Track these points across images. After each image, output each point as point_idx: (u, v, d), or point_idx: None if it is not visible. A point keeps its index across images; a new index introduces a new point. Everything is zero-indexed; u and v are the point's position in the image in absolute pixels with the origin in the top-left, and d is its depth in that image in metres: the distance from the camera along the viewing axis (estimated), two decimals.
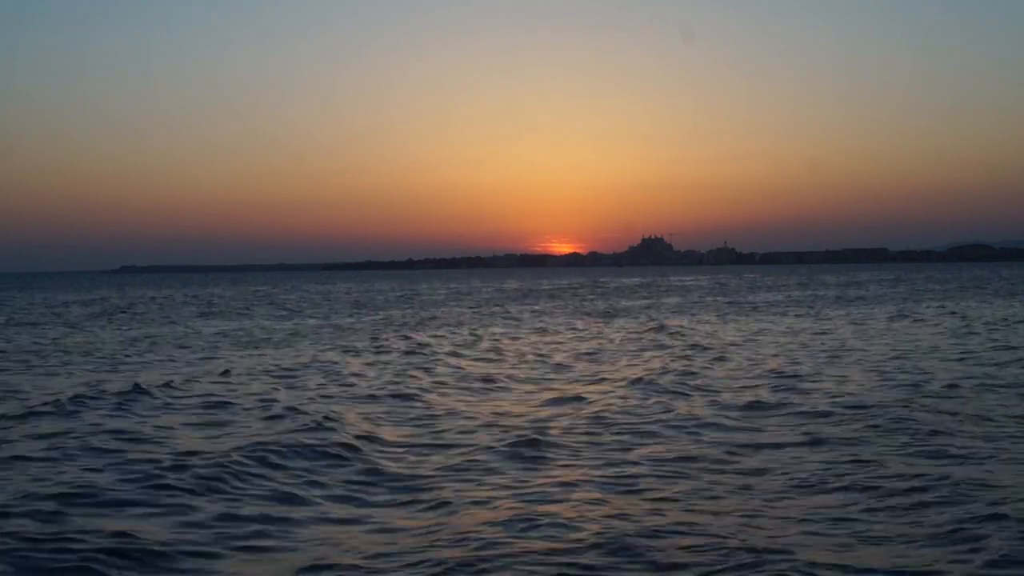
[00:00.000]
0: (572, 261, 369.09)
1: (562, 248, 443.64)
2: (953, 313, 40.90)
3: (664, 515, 9.03)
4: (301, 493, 10.06)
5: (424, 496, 9.92)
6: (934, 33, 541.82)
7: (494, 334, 32.74)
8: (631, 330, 33.91)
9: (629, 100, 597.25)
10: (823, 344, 26.88)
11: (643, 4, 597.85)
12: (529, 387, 18.44)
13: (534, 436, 12.71)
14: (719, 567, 7.52)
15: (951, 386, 17.17)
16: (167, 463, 10.96)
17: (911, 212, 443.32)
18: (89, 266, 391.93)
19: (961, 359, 22.24)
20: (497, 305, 58.74)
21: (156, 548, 8.10)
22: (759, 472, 10.85)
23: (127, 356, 26.76)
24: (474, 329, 35.53)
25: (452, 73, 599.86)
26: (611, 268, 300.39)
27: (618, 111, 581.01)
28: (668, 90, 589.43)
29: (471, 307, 56.52)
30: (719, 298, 63.53)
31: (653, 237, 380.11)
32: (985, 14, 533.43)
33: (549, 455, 11.80)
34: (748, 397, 16.41)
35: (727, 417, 14.48)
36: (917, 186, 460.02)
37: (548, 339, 30.47)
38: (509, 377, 19.96)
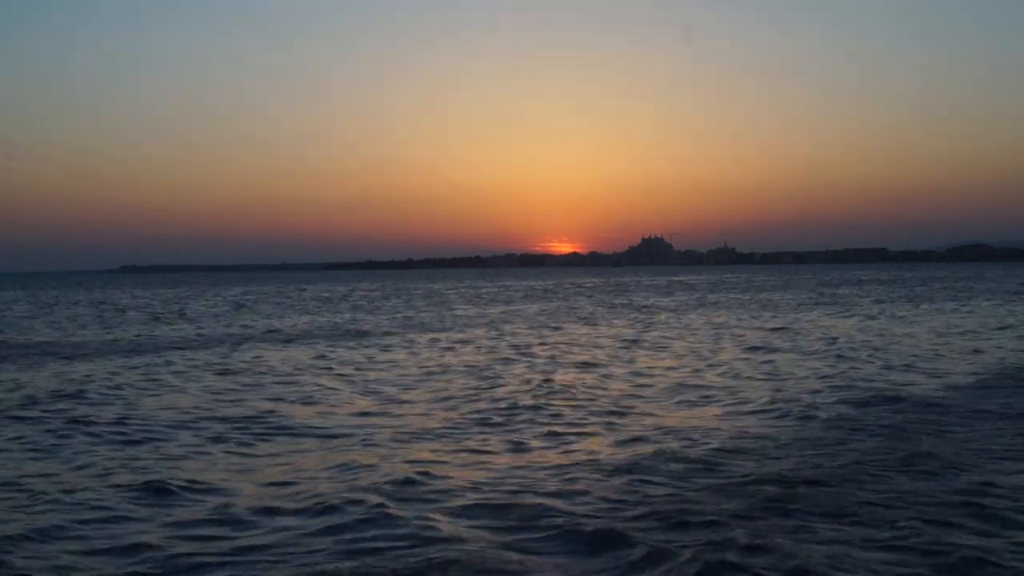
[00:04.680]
0: (572, 261, 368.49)
1: (562, 248, 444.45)
2: None
3: None
4: None
5: None
6: (934, 34, 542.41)
7: None
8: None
9: (629, 100, 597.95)
10: None
11: (643, 6, 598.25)
12: None
13: None
14: None
15: None
16: None
17: (911, 212, 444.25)
18: (89, 266, 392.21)
19: None
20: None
21: None
22: None
23: None
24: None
25: (453, 74, 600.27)
26: (612, 268, 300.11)
27: (618, 112, 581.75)
28: (668, 91, 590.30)
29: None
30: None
31: (653, 237, 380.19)
32: (985, 15, 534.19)
33: None
34: None
35: None
36: (917, 186, 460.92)
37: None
38: None
